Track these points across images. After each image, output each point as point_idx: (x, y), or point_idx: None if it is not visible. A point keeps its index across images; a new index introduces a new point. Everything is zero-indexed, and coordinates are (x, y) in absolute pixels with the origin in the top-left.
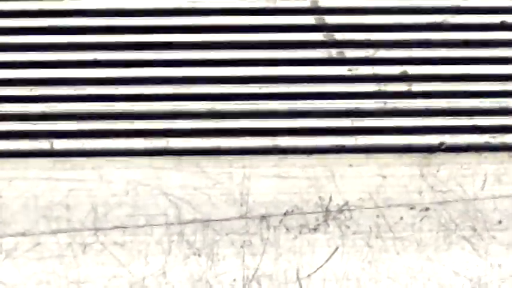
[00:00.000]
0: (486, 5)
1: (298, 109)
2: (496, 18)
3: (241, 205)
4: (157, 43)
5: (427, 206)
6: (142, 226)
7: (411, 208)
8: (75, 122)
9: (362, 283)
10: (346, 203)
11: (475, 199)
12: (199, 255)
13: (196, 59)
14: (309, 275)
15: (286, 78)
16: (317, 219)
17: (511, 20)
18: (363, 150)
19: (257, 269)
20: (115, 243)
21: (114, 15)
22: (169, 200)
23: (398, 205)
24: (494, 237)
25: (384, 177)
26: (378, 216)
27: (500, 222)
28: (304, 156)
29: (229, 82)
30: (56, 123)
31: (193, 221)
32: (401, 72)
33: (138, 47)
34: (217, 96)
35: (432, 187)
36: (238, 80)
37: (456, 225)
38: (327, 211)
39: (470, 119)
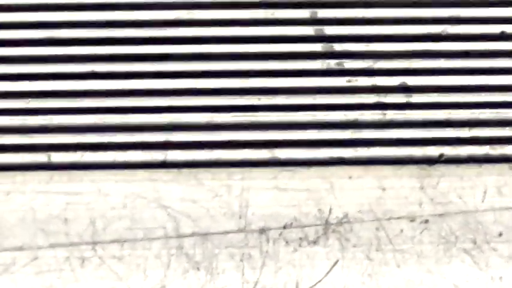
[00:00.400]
0: (486, 15)
1: (297, 121)
2: (496, 29)
3: (240, 218)
4: (156, 55)
5: (427, 218)
6: (141, 240)
7: (411, 220)
8: (73, 134)
9: None
10: (346, 216)
11: (475, 211)
12: (198, 268)
13: (194, 70)
14: None
15: (285, 90)
16: (317, 232)
17: (511, 30)
18: (362, 162)
19: (257, 282)
20: (113, 257)
21: (112, 27)
22: (168, 213)
23: (399, 217)
24: (494, 250)
25: (384, 189)
26: (377, 228)
27: (500, 234)
28: (303, 168)
29: (227, 94)
30: (54, 136)
31: (192, 235)
32: (401, 83)
33: (137, 58)
34: (215, 108)
35: (432, 199)
36: (237, 91)
37: (456, 237)
38: (327, 224)
39: (470, 130)
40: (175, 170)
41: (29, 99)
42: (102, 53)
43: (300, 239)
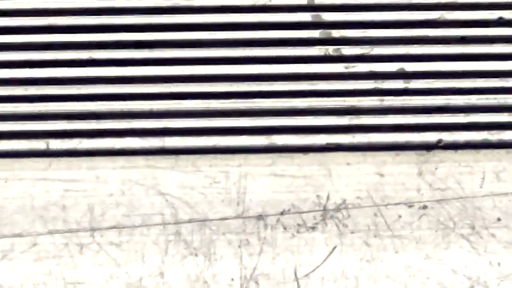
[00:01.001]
0: (483, 1)
1: (294, 107)
2: (493, 15)
3: (238, 204)
4: (154, 41)
5: (426, 204)
6: (139, 226)
7: (409, 206)
8: (71, 121)
9: (360, 282)
10: (344, 202)
11: (473, 197)
12: (196, 255)
13: (192, 57)
14: (307, 274)
15: (282, 76)
16: (315, 218)
17: (509, 16)
18: (360, 148)
19: (255, 268)
20: (111, 243)
21: (109, 14)
22: (166, 200)
23: (397, 203)
24: (493, 235)
25: (382, 175)
26: (376, 214)
27: (499, 220)
28: (301, 154)
29: (225, 80)
30: (52, 123)
31: (190, 221)
32: (398, 69)
33: (135, 45)
34: (213, 95)
35: (430, 185)
36: (235, 78)
37: (455, 223)
38: (325, 210)
39: (468, 116)
40: (173, 157)
41: (27, 87)
42: (100, 40)
43: (298, 225)
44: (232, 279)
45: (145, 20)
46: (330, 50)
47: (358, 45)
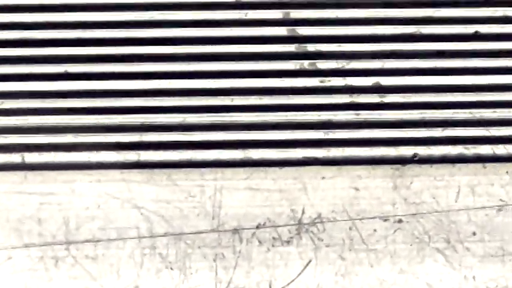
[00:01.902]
0: (459, 15)
1: (270, 121)
2: (469, 29)
3: (213, 218)
4: (129, 55)
5: (401, 218)
6: (114, 240)
7: (384, 220)
8: (47, 135)
9: None
10: (319, 216)
11: (448, 211)
12: (171, 268)
13: (167, 71)
14: None
15: (258, 90)
16: (290, 232)
17: (485, 30)
18: (335, 162)
19: (230, 282)
20: (87, 256)
21: (85, 28)
22: (141, 214)
23: (372, 217)
24: (468, 249)
25: (357, 189)
26: (351, 228)
27: (474, 234)
28: (276, 168)
29: (200, 94)
30: (27, 137)
31: (165, 235)
32: (374, 84)
33: (110, 59)
34: (188, 109)
35: (405, 199)
36: (210, 92)
37: (430, 237)
38: (300, 224)
39: (444, 130)
40: (148, 171)
41: (3, 100)
42: (76, 53)
43: (273, 238)
44: None
45: (121, 34)
46: (306, 64)
47: (333, 59)
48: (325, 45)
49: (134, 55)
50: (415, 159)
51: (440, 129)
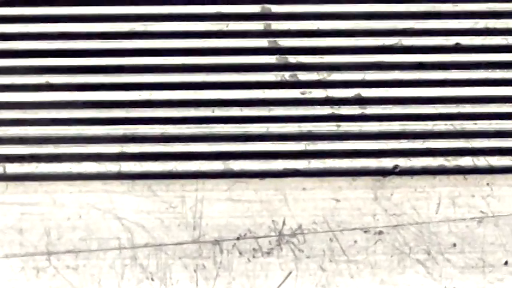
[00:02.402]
0: (440, 27)
1: (251, 133)
2: (450, 41)
3: (194, 229)
4: (110, 66)
5: (381, 229)
6: (95, 250)
7: (365, 231)
8: (28, 146)
9: None
10: (300, 227)
11: (429, 222)
12: (152, 279)
13: (148, 82)
14: None
15: (239, 102)
16: (270, 243)
17: (466, 42)
18: (316, 174)
19: None
20: (68, 267)
21: (66, 39)
22: (122, 224)
23: (352, 229)
24: (448, 260)
25: (338, 200)
26: (331, 239)
27: (454, 245)
28: (257, 179)
29: (181, 106)
30: (9, 147)
31: (146, 245)
32: (355, 95)
33: (91, 70)
34: (169, 120)
35: (386, 210)
36: (191, 103)
37: (410, 248)
38: (280, 235)
39: (424, 142)
40: (129, 181)
41: None
42: (57, 64)
43: (254, 250)
44: None
45: (102, 45)
46: (286, 75)
47: (314, 71)
48: (306, 56)
49: (115, 66)
50: (395, 170)
51: (421, 140)
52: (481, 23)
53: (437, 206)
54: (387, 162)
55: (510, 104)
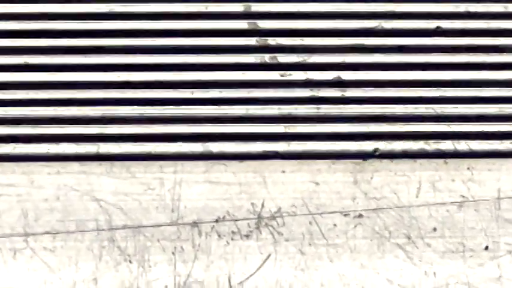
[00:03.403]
0: (421, 10)
1: (230, 114)
2: (431, 24)
3: (173, 211)
4: (89, 47)
5: (361, 213)
6: (73, 232)
7: (345, 215)
8: (6, 126)
9: None
10: (279, 210)
11: (409, 206)
12: (130, 261)
13: (127, 63)
14: (240, 282)
15: (218, 83)
16: (249, 226)
17: (446, 25)
18: (296, 157)
19: (188, 275)
20: (45, 248)
21: (45, 19)
22: (101, 206)
23: (332, 212)
24: (428, 245)
25: (317, 183)
26: (310, 223)
27: (435, 229)
28: (236, 162)
29: (161, 87)
30: None
31: (124, 227)
32: (335, 78)
33: (70, 51)
34: (148, 101)
35: (366, 194)
36: (170, 85)
37: (390, 232)
38: (259, 218)
39: (405, 125)
40: (108, 163)
41: None
42: (35, 45)
43: (233, 232)
44: (166, 286)
45: (81, 26)
46: (266, 57)
47: (294, 53)
48: (286, 39)
49: (94, 47)
50: (376, 154)
51: (401, 124)
52: (462, 7)
53: (418, 190)
54: (367, 146)
55: (491, 88)
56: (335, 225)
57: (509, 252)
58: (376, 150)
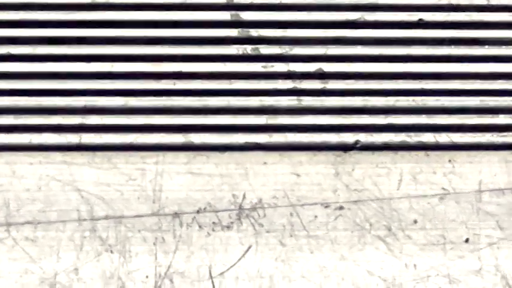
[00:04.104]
0: (403, 2)
1: (212, 106)
2: (413, 16)
3: (154, 202)
4: (71, 38)
5: (342, 204)
6: (55, 222)
7: (325, 207)
8: None
9: (275, 281)
10: (260, 201)
11: (390, 198)
12: (111, 251)
13: (109, 54)
14: (221, 273)
15: (200, 75)
16: (230, 217)
17: (428, 18)
18: (277, 148)
19: (169, 266)
20: (27, 238)
21: (27, 9)
22: (82, 196)
23: (313, 204)
24: (409, 237)
25: (298, 175)
26: (291, 214)
27: (415, 222)
28: (217, 153)
29: (142, 78)
30: None
31: (105, 218)
32: (317, 70)
33: (52, 41)
34: (130, 92)
35: (347, 186)
36: (152, 75)
37: (371, 224)
38: (240, 209)
39: (386, 117)
40: (90, 153)
41: None
42: (18, 35)
43: (214, 223)
44: (147, 277)
45: (63, 17)
46: (248, 49)
47: (276, 44)
48: (268, 30)
49: (76, 38)
50: (357, 146)
51: (382, 116)
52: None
53: (399, 182)
54: (348, 137)
55: (473, 81)
56: (316, 216)
57: (490, 244)
58: (357, 142)
